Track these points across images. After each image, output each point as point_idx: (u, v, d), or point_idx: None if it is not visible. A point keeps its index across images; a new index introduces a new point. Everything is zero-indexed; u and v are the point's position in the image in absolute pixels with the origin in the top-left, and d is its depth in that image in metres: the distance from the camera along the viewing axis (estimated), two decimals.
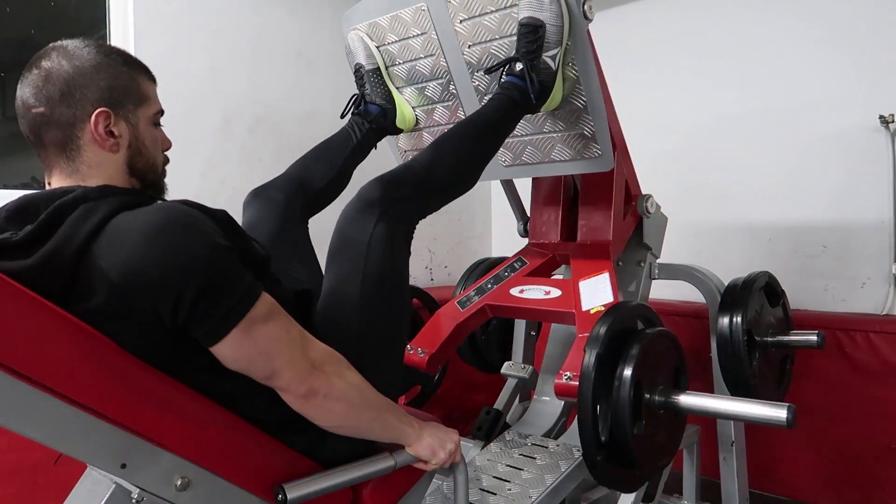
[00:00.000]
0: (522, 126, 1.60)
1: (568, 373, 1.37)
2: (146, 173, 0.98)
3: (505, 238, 3.34)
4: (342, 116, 1.70)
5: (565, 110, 1.51)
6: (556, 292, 1.65)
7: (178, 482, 0.85)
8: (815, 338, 1.78)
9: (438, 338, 1.68)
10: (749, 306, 1.73)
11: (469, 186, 1.36)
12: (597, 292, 1.58)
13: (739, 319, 1.70)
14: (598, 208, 1.74)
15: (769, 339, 1.81)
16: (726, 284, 1.81)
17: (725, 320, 1.71)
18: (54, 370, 0.76)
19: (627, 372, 1.26)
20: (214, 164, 2.38)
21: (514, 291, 1.73)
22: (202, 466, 0.88)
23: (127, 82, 0.95)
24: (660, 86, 2.70)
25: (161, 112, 1.01)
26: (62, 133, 0.90)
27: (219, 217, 0.90)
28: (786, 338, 1.85)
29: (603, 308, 1.50)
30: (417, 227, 1.24)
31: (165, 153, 1.03)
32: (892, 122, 2.13)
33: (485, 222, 3.43)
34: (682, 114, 2.65)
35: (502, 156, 1.71)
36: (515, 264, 1.86)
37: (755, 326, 1.75)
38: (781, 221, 2.41)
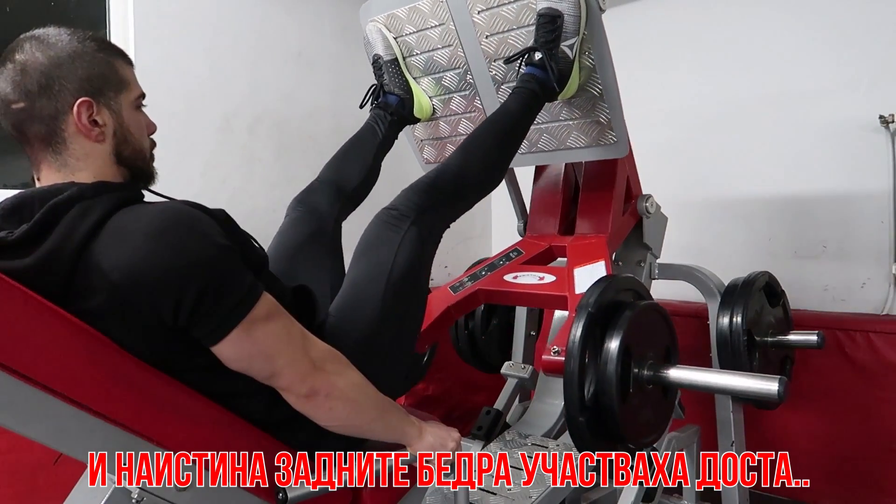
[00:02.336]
0: (539, 115, 1.61)
1: (556, 347, 1.30)
2: (135, 160, 0.96)
3: (505, 238, 3.34)
4: (361, 107, 1.74)
5: (581, 98, 1.55)
6: (550, 278, 1.63)
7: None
8: (815, 338, 1.78)
9: (427, 317, 1.64)
10: (749, 306, 1.73)
11: (498, 182, 1.42)
12: (592, 278, 1.52)
13: (739, 319, 1.70)
14: (597, 203, 1.75)
15: (769, 339, 1.81)
16: (726, 284, 1.81)
17: (725, 320, 1.71)
18: (54, 370, 0.76)
19: (616, 340, 1.21)
20: (214, 164, 2.38)
21: (508, 277, 1.71)
22: (202, 466, 0.88)
23: (105, 69, 0.92)
24: (660, 86, 2.70)
25: (143, 95, 0.98)
26: (45, 127, 0.89)
27: (218, 216, 0.90)
28: (786, 338, 1.85)
29: None
30: None
31: (152, 137, 1.01)
32: (892, 122, 2.13)
33: (485, 222, 3.42)
34: (682, 114, 2.65)
35: None
36: (511, 254, 1.85)
37: (755, 326, 1.75)
38: (781, 221, 2.41)
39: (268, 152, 2.53)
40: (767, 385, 1.19)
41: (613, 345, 1.21)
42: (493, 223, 3.43)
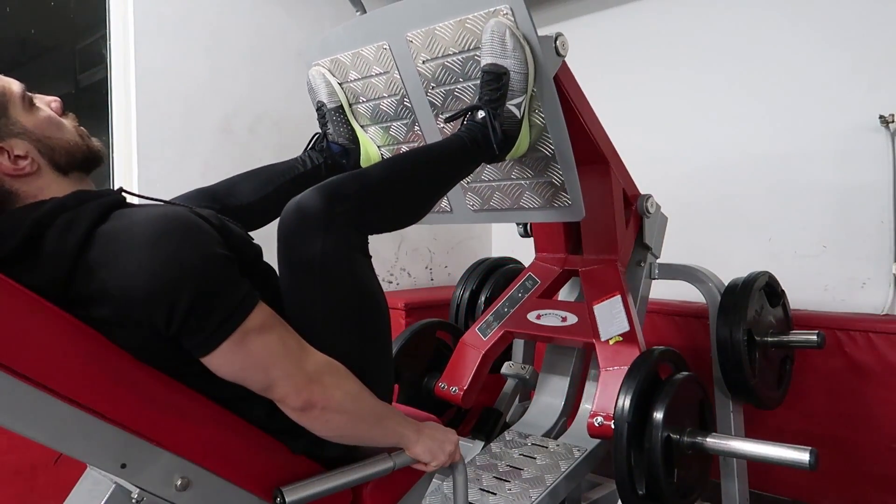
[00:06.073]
0: (490, 171, 1.55)
1: (600, 417, 1.45)
2: (74, 157, 0.90)
3: (505, 239, 3.34)
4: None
5: (532, 158, 1.44)
6: (572, 318, 1.71)
7: (178, 482, 0.85)
8: (815, 338, 1.78)
9: (467, 372, 1.74)
10: (749, 306, 1.73)
11: (416, 218, 1.24)
12: (612, 318, 1.62)
13: (739, 320, 1.70)
14: (599, 216, 1.72)
15: (769, 339, 1.81)
16: (726, 285, 1.81)
17: (725, 320, 1.71)
18: (54, 370, 0.76)
19: (660, 413, 1.34)
20: (214, 164, 2.38)
21: (532, 317, 1.77)
22: (202, 466, 0.88)
23: None
24: (660, 87, 2.70)
25: (24, 89, 0.87)
26: None
27: (210, 219, 0.89)
28: (786, 338, 1.85)
29: (621, 338, 1.56)
30: (418, 227, 1.19)
31: (66, 118, 0.92)
32: (892, 122, 2.13)
33: (485, 223, 3.43)
34: (682, 114, 2.65)
35: (470, 200, 1.64)
36: (527, 283, 1.87)
37: (755, 326, 1.75)
38: (781, 221, 2.41)
39: (268, 152, 2.53)
40: (799, 455, 1.29)
41: (657, 417, 1.34)
42: (493, 224, 3.43)
